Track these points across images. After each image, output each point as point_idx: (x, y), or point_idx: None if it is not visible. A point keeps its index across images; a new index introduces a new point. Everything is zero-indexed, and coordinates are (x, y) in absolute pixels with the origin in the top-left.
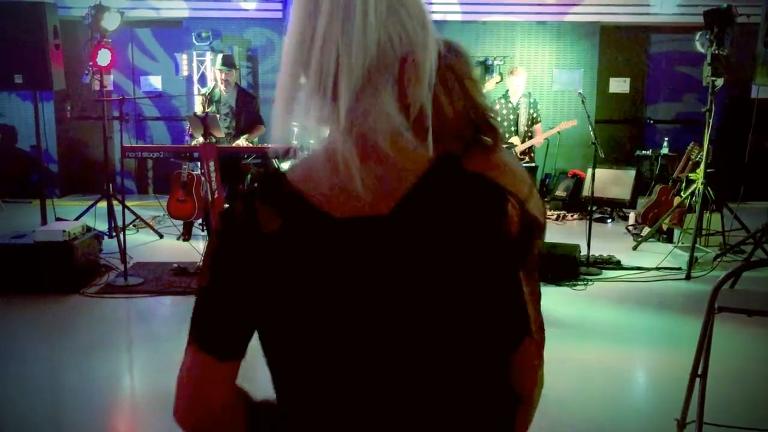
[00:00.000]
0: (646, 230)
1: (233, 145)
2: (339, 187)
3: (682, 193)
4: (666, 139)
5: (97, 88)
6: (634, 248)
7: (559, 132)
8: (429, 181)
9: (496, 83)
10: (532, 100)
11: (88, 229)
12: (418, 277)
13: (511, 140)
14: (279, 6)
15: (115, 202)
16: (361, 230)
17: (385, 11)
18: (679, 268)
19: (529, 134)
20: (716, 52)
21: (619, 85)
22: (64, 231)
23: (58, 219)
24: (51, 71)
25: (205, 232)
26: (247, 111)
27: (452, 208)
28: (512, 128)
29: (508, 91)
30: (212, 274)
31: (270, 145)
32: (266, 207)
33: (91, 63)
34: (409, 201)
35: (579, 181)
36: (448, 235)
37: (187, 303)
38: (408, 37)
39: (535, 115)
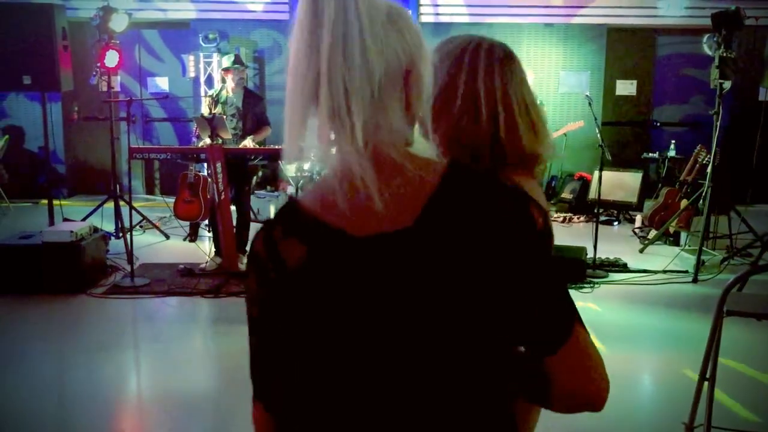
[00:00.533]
0: (652, 233)
1: (240, 146)
2: (358, 206)
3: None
4: (673, 141)
5: (104, 89)
6: (641, 251)
7: (565, 134)
8: (448, 188)
9: None
10: (537, 103)
11: (95, 229)
12: (453, 286)
13: None
14: (286, 8)
15: (121, 203)
16: (385, 246)
17: (382, 31)
18: (686, 271)
19: None
20: (724, 54)
21: (625, 88)
22: (71, 232)
23: (65, 220)
24: (59, 72)
25: (210, 233)
26: (253, 112)
27: (478, 214)
28: None
29: None
30: (254, 325)
31: (278, 147)
32: (287, 238)
33: (98, 64)
34: (432, 210)
35: (585, 184)
36: (478, 242)
37: (193, 304)
38: (409, 49)
39: None
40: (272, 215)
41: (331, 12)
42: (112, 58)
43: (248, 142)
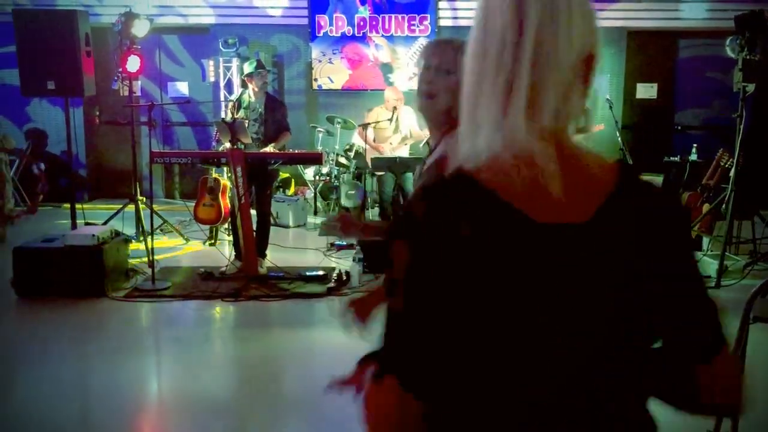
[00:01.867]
0: None
1: (262, 151)
2: (537, 192)
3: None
4: (695, 145)
5: (125, 93)
6: None
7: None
8: (622, 187)
9: None
10: None
11: (117, 233)
12: (626, 283)
13: None
14: (305, 12)
15: (142, 207)
16: (563, 237)
17: (579, 9)
18: (709, 277)
19: None
20: (747, 57)
21: (646, 91)
22: (93, 235)
23: (87, 223)
24: (82, 77)
25: (230, 237)
26: (275, 117)
27: (652, 216)
28: None
29: None
30: (407, 292)
31: (297, 151)
32: (460, 207)
33: (120, 69)
34: (609, 207)
35: None
36: (652, 243)
37: (213, 307)
38: (592, 33)
39: None
40: (433, 182)
41: None
42: (133, 63)
43: (269, 150)
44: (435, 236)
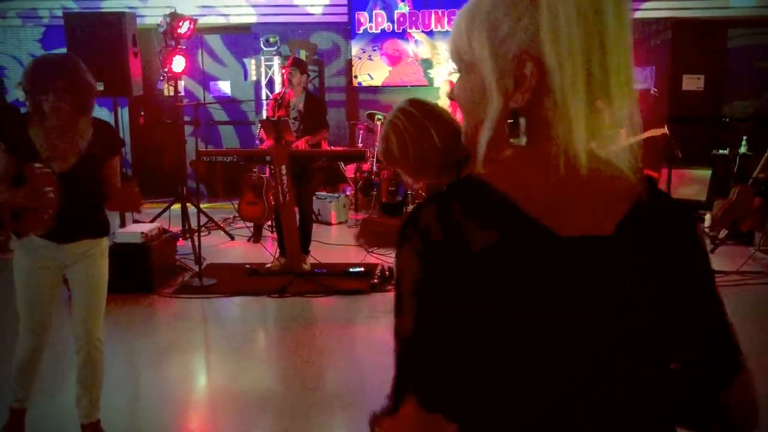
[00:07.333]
0: (723, 232)
1: (305, 149)
2: (560, 201)
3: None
4: (744, 137)
5: (170, 93)
6: (712, 251)
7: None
8: (644, 203)
9: None
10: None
11: (164, 231)
12: (648, 299)
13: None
14: (344, 9)
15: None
16: (589, 250)
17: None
18: (761, 272)
19: None
20: None
21: (692, 83)
22: (142, 233)
23: (135, 221)
24: (130, 78)
25: (274, 234)
26: (312, 116)
27: (675, 231)
28: None
29: None
30: (422, 316)
31: (339, 148)
32: (471, 217)
33: (165, 69)
34: (633, 220)
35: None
36: (674, 258)
37: (260, 303)
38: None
39: None
40: (445, 188)
41: None
42: (179, 64)
43: (301, 145)
44: (432, 249)
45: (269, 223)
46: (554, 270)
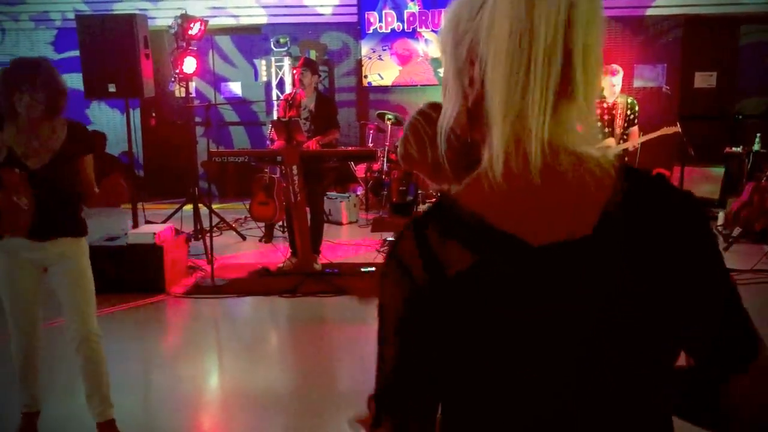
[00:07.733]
0: (737, 231)
1: (315, 149)
2: (530, 210)
3: None
4: (758, 135)
5: (181, 95)
6: (725, 249)
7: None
8: (624, 191)
9: None
10: (629, 101)
11: (176, 231)
12: (640, 298)
13: (605, 142)
14: (354, 10)
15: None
16: (565, 257)
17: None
18: None
19: (625, 137)
20: None
21: (704, 80)
22: (154, 233)
23: (147, 222)
24: (142, 80)
25: (285, 234)
26: (323, 116)
27: (661, 220)
28: (606, 129)
29: (603, 90)
30: (400, 343)
31: (349, 148)
32: (446, 241)
33: (177, 71)
34: (611, 216)
35: None
36: (664, 249)
37: (271, 303)
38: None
39: (632, 117)
40: (420, 212)
41: None
42: (190, 65)
43: (312, 145)
44: (410, 275)
45: (280, 223)
46: (533, 282)
